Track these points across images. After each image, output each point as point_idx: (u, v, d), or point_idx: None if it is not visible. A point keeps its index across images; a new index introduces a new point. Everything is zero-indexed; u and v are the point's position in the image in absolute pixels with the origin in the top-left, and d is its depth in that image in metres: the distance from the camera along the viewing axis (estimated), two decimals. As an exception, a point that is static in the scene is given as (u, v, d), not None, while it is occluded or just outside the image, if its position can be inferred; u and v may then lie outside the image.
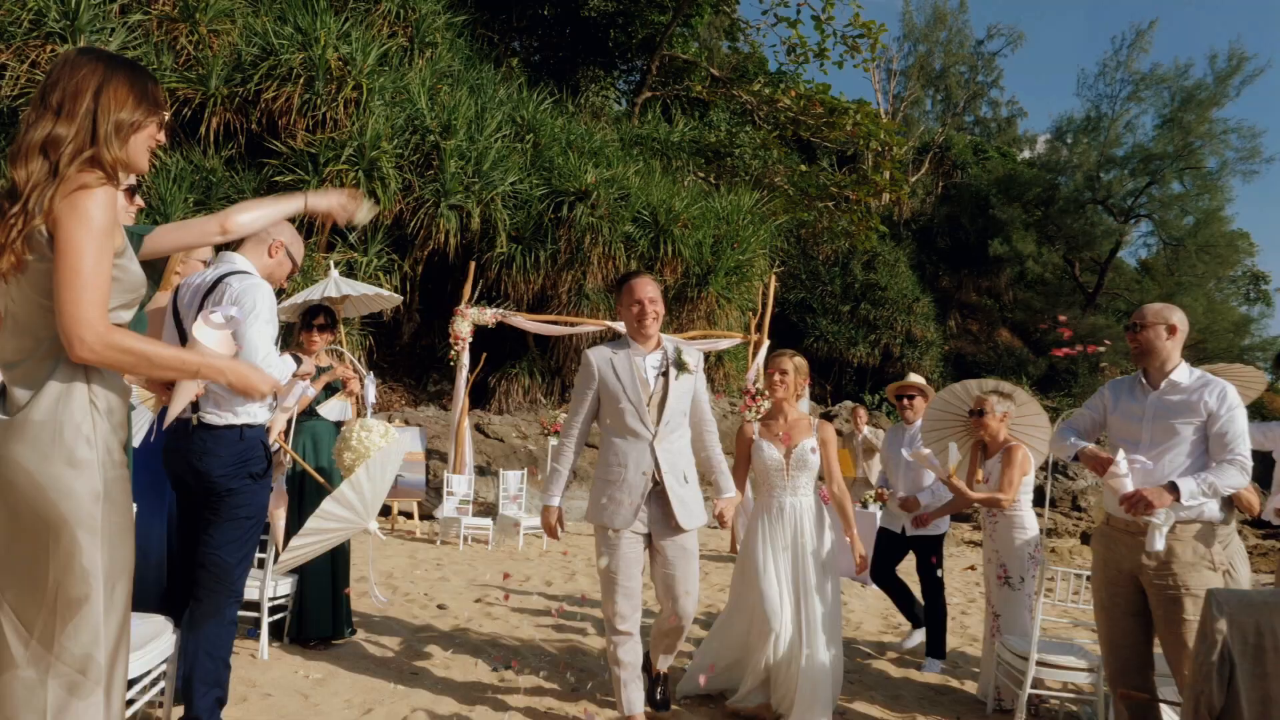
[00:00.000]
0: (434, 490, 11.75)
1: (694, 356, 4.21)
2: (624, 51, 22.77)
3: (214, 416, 3.36)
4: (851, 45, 21.84)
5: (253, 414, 3.44)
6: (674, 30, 21.86)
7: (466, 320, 11.28)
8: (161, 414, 3.36)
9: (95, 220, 2.05)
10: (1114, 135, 32.61)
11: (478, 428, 13.62)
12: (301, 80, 13.41)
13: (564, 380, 16.21)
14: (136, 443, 3.46)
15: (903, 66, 37.34)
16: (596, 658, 5.52)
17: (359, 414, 6.27)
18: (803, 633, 4.34)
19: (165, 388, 3.08)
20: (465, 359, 11.31)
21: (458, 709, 4.36)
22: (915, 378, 6.75)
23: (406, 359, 16.46)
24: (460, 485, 10.65)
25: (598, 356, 4.11)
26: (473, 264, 12.49)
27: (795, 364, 4.68)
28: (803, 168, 23.22)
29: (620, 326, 11.98)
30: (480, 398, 15.24)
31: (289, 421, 5.02)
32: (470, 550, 9.63)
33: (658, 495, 4.01)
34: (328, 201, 3.13)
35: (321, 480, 4.76)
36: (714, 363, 16.71)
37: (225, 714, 3.49)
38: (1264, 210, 77.34)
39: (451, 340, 11.30)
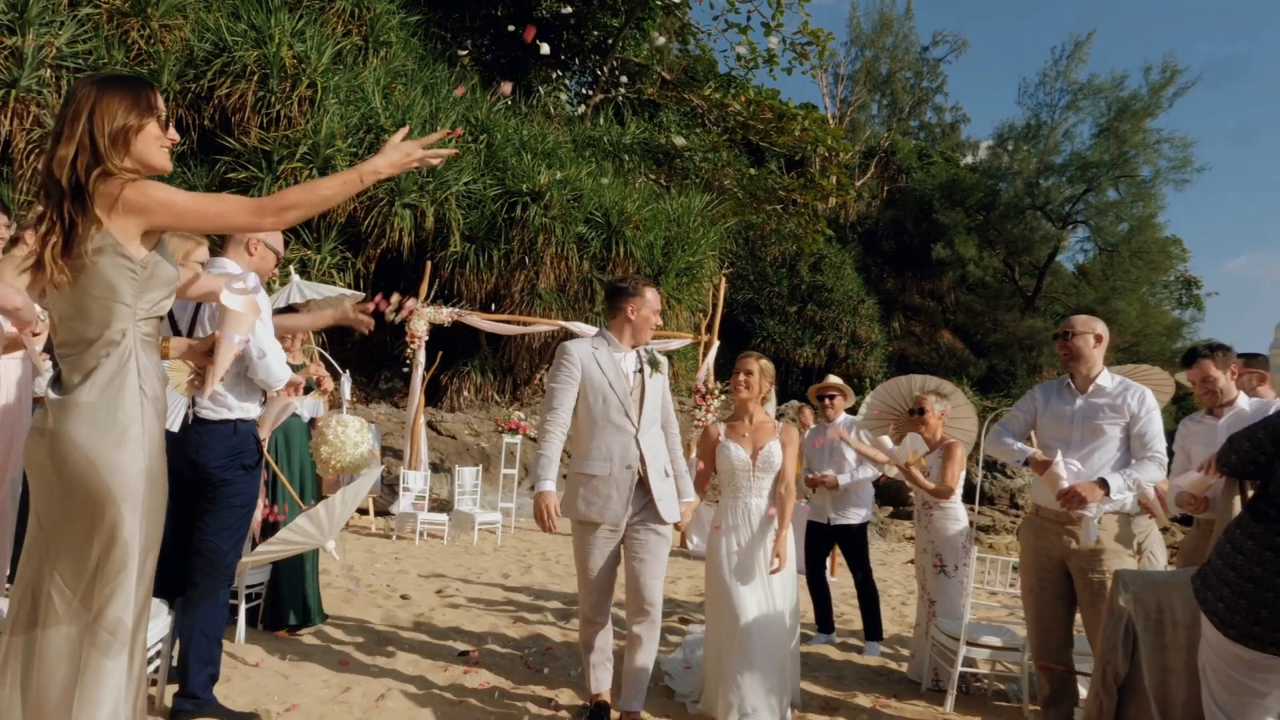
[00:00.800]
0: (388, 487, 11.89)
1: (662, 358, 4.34)
2: (577, 53, 22.95)
3: (209, 412, 3.56)
4: (800, 52, 22.22)
5: (245, 410, 3.65)
6: (627, 33, 22.09)
7: (423, 319, 11.44)
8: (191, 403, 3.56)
9: (154, 191, 2.34)
10: (1053, 143, 33.59)
11: (430, 425, 13.76)
12: (255, 77, 13.43)
13: (515, 379, 16.39)
14: (176, 427, 3.63)
15: (850, 71, 37.91)
16: (556, 644, 5.78)
17: (331, 410, 6.46)
18: (772, 626, 4.45)
19: (206, 355, 3.28)
20: (421, 357, 11.48)
21: (428, 689, 4.58)
22: (834, 379, 7.12)
23: (358, 356, 16.51)
24: (416, 481, 10.81)
25: (580, 350, 4.11)
26: (428, 263, 12.63)
27: (761, 366, 4.69)
28: (751, 171, 23.62)
29: (573, 326, 12.27)
30: (432, 395, 15.37)
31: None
32: (426, 545, 9.81)
33: (640, 488, 4.09)
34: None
35: (288, 485, 4.98)
36: (664, 362, 16.95)
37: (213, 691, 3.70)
38: (1195, 217, 79.68)
39: (408, 339, 11.45)
